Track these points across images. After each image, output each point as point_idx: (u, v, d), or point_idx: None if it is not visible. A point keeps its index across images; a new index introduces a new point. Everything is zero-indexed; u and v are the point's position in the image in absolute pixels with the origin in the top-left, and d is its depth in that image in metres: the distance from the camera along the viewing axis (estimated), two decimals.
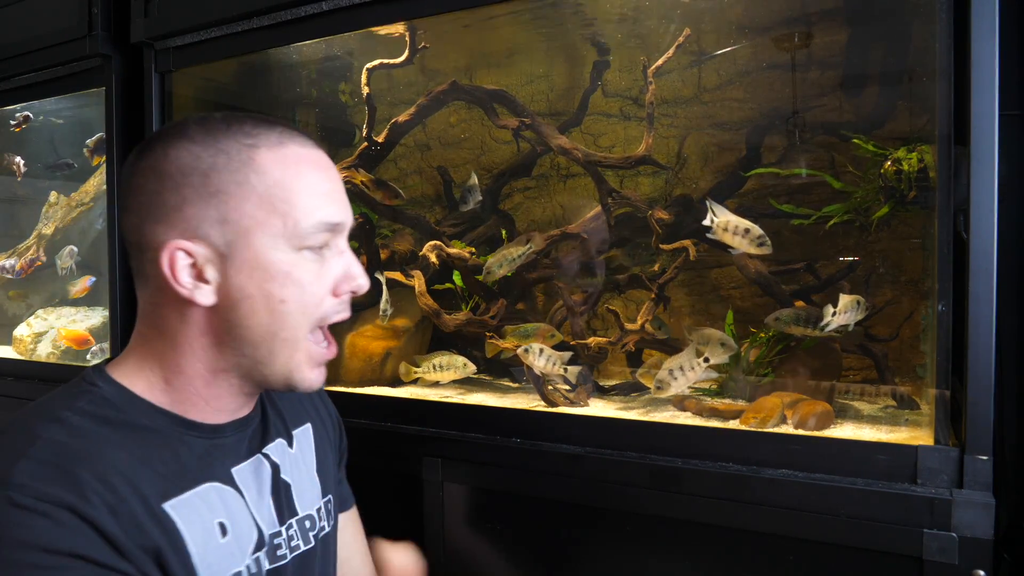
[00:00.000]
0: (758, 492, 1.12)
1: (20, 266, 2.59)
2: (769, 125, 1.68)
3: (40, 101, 2.31)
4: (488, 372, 1.84)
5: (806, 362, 1.53)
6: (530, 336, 1.62)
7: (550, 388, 1.53)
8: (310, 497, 0.96)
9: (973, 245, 1.01)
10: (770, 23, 1.65)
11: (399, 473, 1.44)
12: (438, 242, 1.75)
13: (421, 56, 1.74)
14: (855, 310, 1.34)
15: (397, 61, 1.73)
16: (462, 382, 1.75)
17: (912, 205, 1.39)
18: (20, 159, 2.56)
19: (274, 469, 0.92)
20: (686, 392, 1.45)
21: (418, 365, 1.70)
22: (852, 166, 1.53)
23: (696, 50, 1.79)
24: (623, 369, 1.70)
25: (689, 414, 1.43)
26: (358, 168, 1.84)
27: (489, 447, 1.36)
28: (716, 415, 1.40)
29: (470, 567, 1.38)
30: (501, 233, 1.91)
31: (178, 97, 1.87)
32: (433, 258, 1.73)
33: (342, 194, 0.86)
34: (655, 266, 1.68)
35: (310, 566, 0.92)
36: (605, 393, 1.63)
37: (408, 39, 1.70)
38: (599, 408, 1.51)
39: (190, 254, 0.78)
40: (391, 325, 1.82)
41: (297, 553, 0.90)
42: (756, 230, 1.35)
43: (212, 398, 0.85)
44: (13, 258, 2.63)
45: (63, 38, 1.93)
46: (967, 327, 1.02)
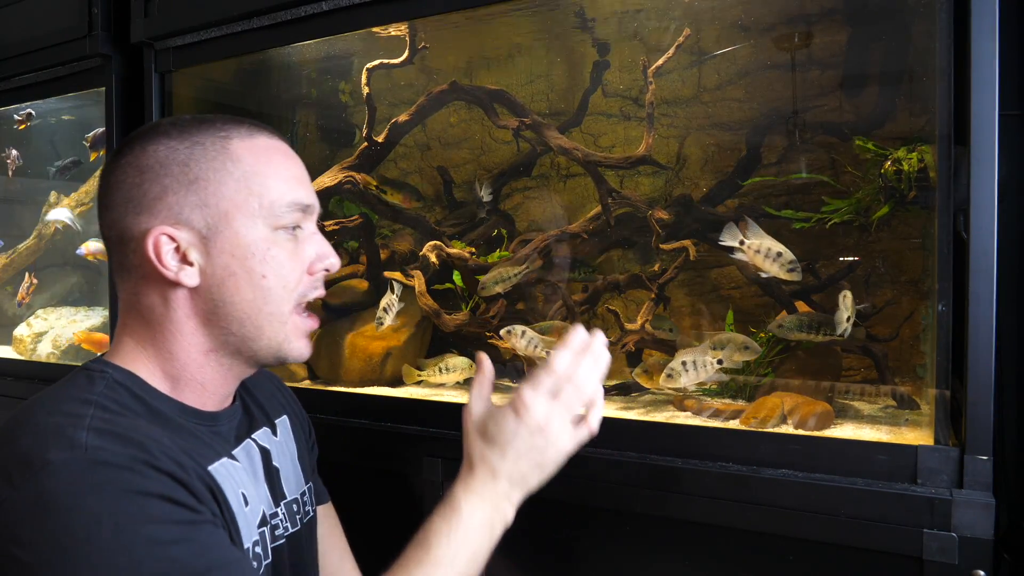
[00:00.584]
0: (758, 492, 1.12)
1: (20, 297, 2.60)
2: (769, 125, 1.68)
3: (40, 101, 2.31)
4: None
5: (806, 362, 1.53)
6: (546, 334, 1.62)
7: None
8: (294, 482, 1.01)
9: (973, 245, 1.01)
10: (770, 23, 1.65)
11: (399, 473, 1.44)
12: (438, 242, 1.75)
13: (421, 56, 1.74)
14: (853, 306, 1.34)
15: (397, 61, 1.73)
16: (462, 382, 1.75)
17: (912, 205, 1.39)
18: (15, 152, 2.55)
19: (264, 454, 0.96)
20: (692, 389, 1.45)
21: (422, 368, 1.71)
22: (852, 166, 1.53)
23: (696, 50, 1.79)
24: (623, 369, 1.70)
25: (689, 414, 1.43)
26: (372, 175, 1.84)
27: None
28: (716, 415, 1.40)
29: None
30: (501, 233, 1.91)
31: (178, 97, 1.87)
32: (433, 258, 1.73)
33: (308, 180, 0.93)
34: (655, 266, 1.68)
35: (299, 548, 0.97)
36: (605, 393, 1.63)
37: (408, 39, 1.70)
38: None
39: (173, 239, 0.83)
40: (393, 324, 1.82)
41: (288, 534, 0.95)
42: (788, 255, 1.33)
43: (207, 381, 0.88)
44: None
45: (63, 38, 1.93)
46: (967, 327, 1.02)
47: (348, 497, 1.18)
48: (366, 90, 1.77)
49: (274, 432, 1.02)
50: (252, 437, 0.96)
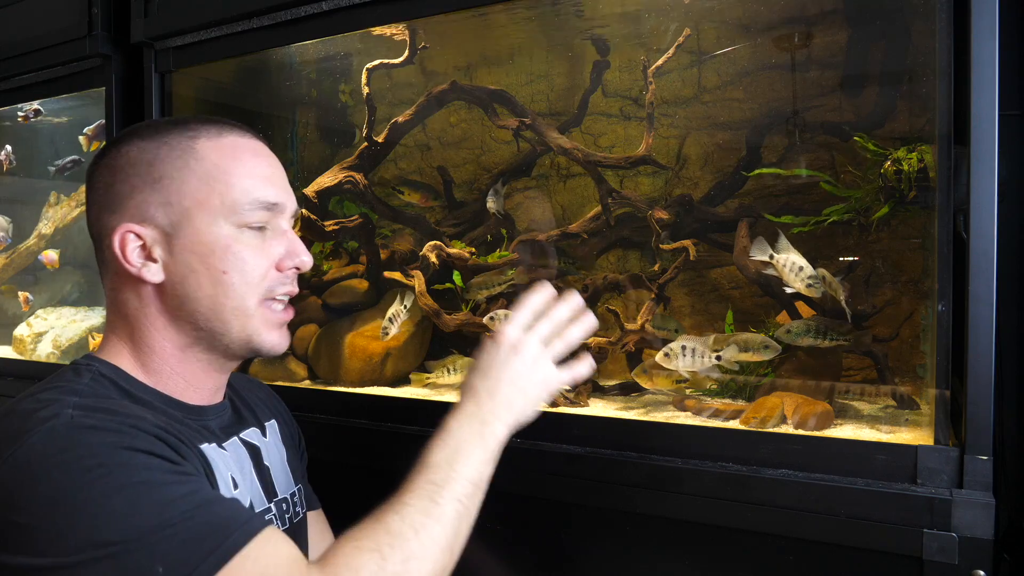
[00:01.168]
0: (758, 492, 1.12)
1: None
2: (769, 125, 1.68)
3: (40, 101, 2.31)
4: None
5: (806, 362, 1.52)
6: None
7: None
8: (284, 483, 1.02)
9: (973, 245, 1.01)
10: (770, 23, 1.65)
11: (399, 473, 1.44)
12: (438, 242, 1.75)
13: (421, 56, 1.74)
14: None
15: (397, 61, 1.73)
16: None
17: (912, 205, 1.39)
18: (9, 147, 2.54)
19: (254, 452, 0.97)
20: (683, 375, 1.46)
21: (430, 370, 1.72)
22: (852, 166, 1.53)
23: (696, 50, 1.79)
24: (623, 369, 1.70)
25: (689, 414, 1.43)
26: (403, 187, 1.85)
27: None
28: (716, 415, 1.40)
29: (470, 567, 1.38)
30: (501, 233, 1.91)
31: (178, 97, 1.87)
32: (433, 258, 1.73)
33: (281, 179, 0.92)
34: (655, 266, 1.68)
35: None
36: (605, 393, 1.63)
37: (408, 39, 1.70)
38: (599, 408, 1.51)
39: (139, 236, 0.85)
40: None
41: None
42: (808, 269, 1.34)
43: (188, 375, 0.90)
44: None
45: (63, 38, 1.93)
46: (967, 327, 1.02)
47: (348, 497, 1.18)
48: (366, 90, 1.77)
49: (263, 434, 1.03)
50: (240, 435, 0.97)
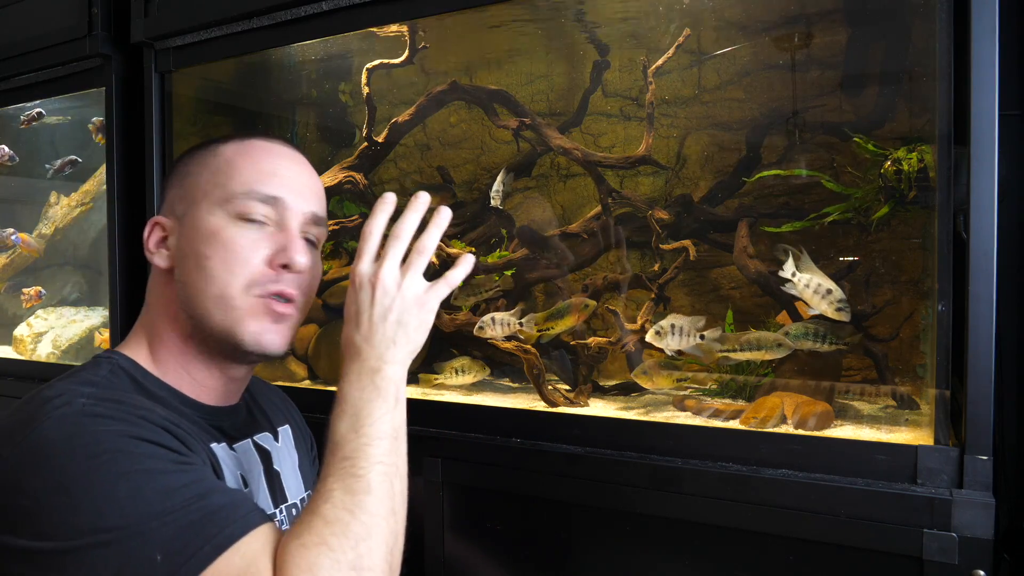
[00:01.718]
0: (758, 492, 1.12)
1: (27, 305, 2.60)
2: (769, 125, 1.68)
3: (40, 101, 2.31)
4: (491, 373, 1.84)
5: (806, 362, 1.52)
6: (564, 314, 1.62)
7: (550, 388, 1.53)
8: (295, 488, 1.02)
9: (973, 245, 1.01)
10: (770, 23, 1.65)
11: None
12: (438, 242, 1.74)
13: (421, 56, 1.74)
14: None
15: (397, 61, 1.73)
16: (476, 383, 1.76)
17: (912, 205, 1.39)
18: (4, 147, 2.54)
19: (265, 456, 0.98)
20: (669, 353, 1.47)
21: (438, 372, 1.73)
22: (852, 166, 1.53)
23: (696, 50, 1.79)
24: (623, 369, 1.70)
25: (689, 414, 1.43)
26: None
27: (489, 447, 1.35)
28: (716, 415, 1.40)
29: (470, 567, 1.38)
30: (502, 233, 1.91)
31: (178, 97, 1.87)
32: (433, 258, 1.73)
33: (293, 179, 0.90)
34: (655, 266, 1.68)
35: None
36: (605, 393, 1.63)
37: (408, 39, 1.70)
38: (599, 408, 1.51)
39: (163, 227, 0.91)
40: None
41: None
42: (838, 292, 1.32)
43: (192, 370, 0.90)
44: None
45: (63, 38, 1.93)
46: (967, 327, 1.02)
47: None
48: (366, 90, 1.77)
49: (276, 438, 1.03)
50: (253, 438, 0.98)
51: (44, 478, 0.68)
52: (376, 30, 1.67)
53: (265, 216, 0.87)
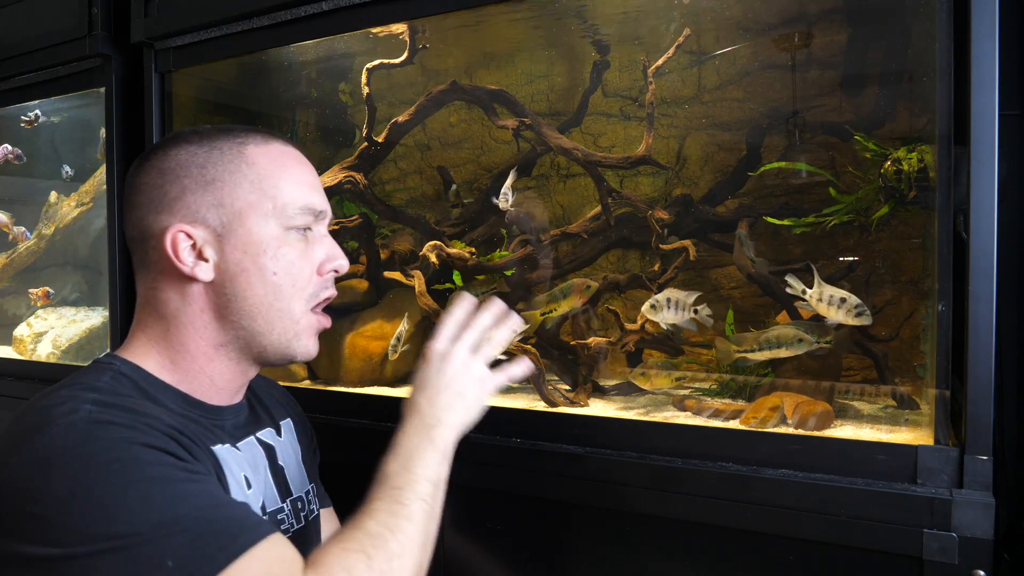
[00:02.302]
0: (758, 492, 1.12)
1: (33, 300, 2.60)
2: (769, 125, 1.68)
3: (40, 101, 2.31)
4: None
5: (806, 362, 1.52)
6: (568, 294, 1.62)
7: (550, 388, 1.53)
8: (299, 481, 1.03)
9: (973, 245, 1.01)
10: (770, 23, 1.65)
11: None
12: (438, 242, 1.75)
13: (421, 56, 1.74)
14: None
15: (397, 61, 1.73)
16: None
17: (912, 205, 1.39)
18: (8, 146, 2.54)
19: (269, 451, 0.99)
20: (664, 327, 1.50)
21: None
22: (852, 166, 1.53)
23: (696, 50, 1.79)
24: (623, 369, 1.70)
25: (689, 414, 1.43)
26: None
27: (489, 447, 1.35)
28: (716, 415, 1.40)
29: (470, 567, 1.38)
30: (501, 233, 1.91)
31: (178, 97, 1.87)
32: (433, 258, 1.73)
33: (320, 187, 0.97)
34: (655, 266, 1.68)
35: (304, 545, 0.98)
36: (605, 393, 1.63)
37: (408, 39, 1.70)
38: (599, 408, 1.51)
39: (190, 236, 0.87)
40: (393, 324, 1.83)
41: (293, 530, 0.98)
42: (853, 299, 1.33)
43: (216, 375, 0.91)
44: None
45: (63, 38, 1.93)
46: (967, 327, 1.02)
47: (349, 497, 1.18)
48: (366, 90, 1.77)
49: (278, 433, 1.04)
50: (256, 435, 0.99)
51: (54, 485, 0.68)
52: (376, 30, 1.67)
53: (308, 224, 0.92)
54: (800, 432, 1.26)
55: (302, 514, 1.01)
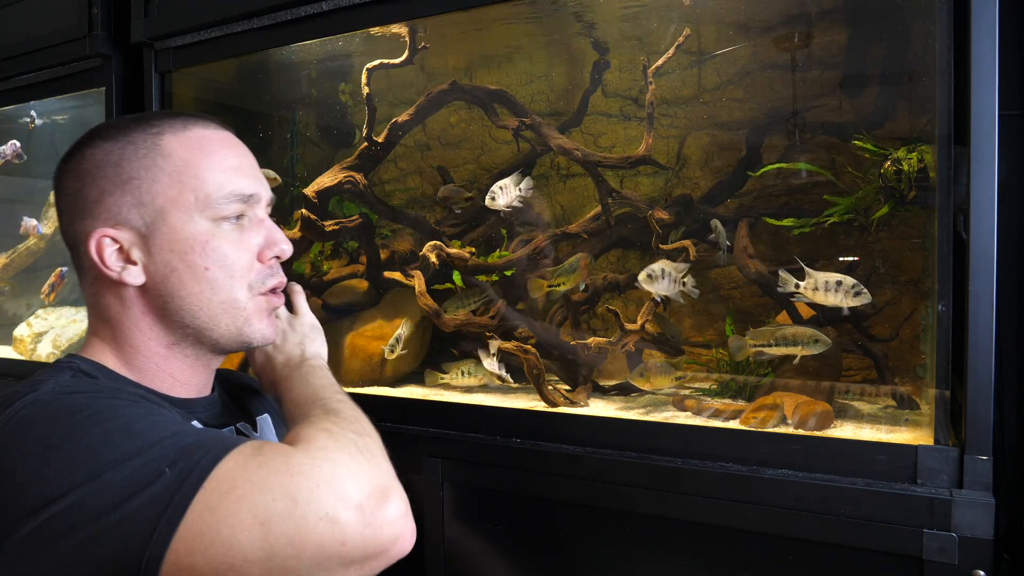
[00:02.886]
0: (758, 492, 1.12)
1: (44, 293, 2.59)
2: (769, 125, 1.68)
3: (40, 101, 2.31)
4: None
5: (806, 362, 1.52)
6: (573, 271, 1.62)
7: (550, 388, 1.53)
8: None
9: (973, 245, 1.01)
10: (770, 23, 1.65)
11: (399, 473, 1.44)
12: (438, 242, 1.75)
13: (421, 56, 1.74)
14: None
15: (397, 61, 1.73)
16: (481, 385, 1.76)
17: (912, 205, 1.39)
18: (17, 143, 2.53)
19: None
20: (658, 297, 1.52)
21: (445, 371, 1.74)
22: (852, 166, 1.53)
23: (696, 50, 1.79)
24: (623, 369, 1.70)
25: (689, 414, 1.43)
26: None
27: (489, 447, 1.36)
28: (716, 415, 1.40)
29: (470, 567, 1.38)
30: (501, 233, 1.91)
31: (178, 97, 1.87)
32: (433, 258, 1.73)
33: (253, 169, 0.91)
34: None
35: None
36: (605, 393, 1.63)
37: (408, 39, 1.70)
38: (599, 408, 1.51)
39: (115, 240, 0.83)
40: (392, 324, 1.83)
41: None
42: (848, 280, 1.31)
43: (176, 372, 0.89)
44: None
45: (63, 38, 1.93)
46: (967, 327, 1.02)
47: None
48: (366, 90, 1.77)
49: (254, 428, 1.03)
50: (235, 426, 0.97)
51: (27, 447, 0.67)
52: (376, 30, 1.67)
53: (239, 211, 0.88)
54: (800, 432, 1.26)
55: None
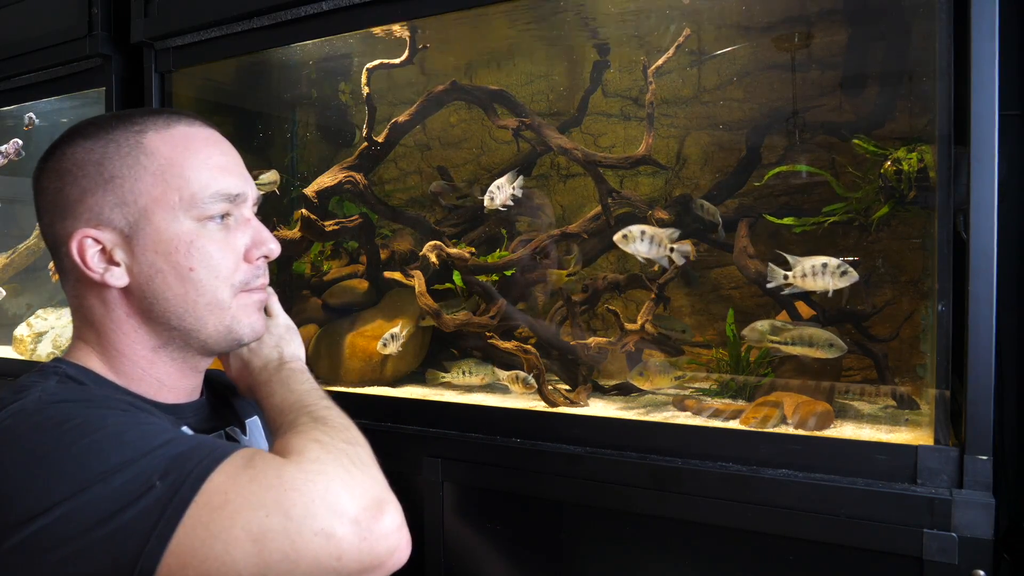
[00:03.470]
0: (758, 492, 1.12)
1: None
2: (769, 125, 1.68)
3: (40, 101, 2.31)
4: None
5: (806, 362, 1.53)
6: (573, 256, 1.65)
7: (550, 388, 1.53)
8: None
9: (973, 245, 1.01)
10: (770, 23, 1.65)
11: (399, 473, 1.44)
12: (438, 242, 1.75)
13: (421, 56, 1.74)
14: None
15: (397, 61, 1.73)
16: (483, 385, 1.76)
17: (912, 205, 1.39)
18: (20, 141, 2.52)
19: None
20: (641, 260, 1.48)
21: (446, 370, 1.74)
22: (852, 166, 1.53)
23: (696, 50, 1.79)
24: (623, 369, 1.70)
25: (689, 414, 1.43)
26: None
27: (489, 447, 1.36)
28: (716, 415, 1.40)
29: (470, 567, 1.38)
30: (501, 233, 1.91)
31: (178, 97, 1.87)
32: (433, 258, 1.73)
33: (239, 167, 0.89)
34: (655, 267, 1.68)
35: None
36: (605, 393, 1.63)
37: (408, 39, 1.70)
38: (599, 408, 1.51)
39: (97, 240, 0.81)
40: (393, 324, 1.83)
41: None
42: (833, 261, 1.30)
43: (163, 376, 0.87)
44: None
45: (63, 38, 1.93)
46: (967, 327, 1.02)
47: None
48: (366, 90, 1.77)
49: (243, 431, 1.02)
50: (224, 430, 0.96)
51: (13, 458, 0.66)
52: (376, 30, 1.67)
53: (225, 211, 0.86)
54: (800, 432, 1.26)
55: None
